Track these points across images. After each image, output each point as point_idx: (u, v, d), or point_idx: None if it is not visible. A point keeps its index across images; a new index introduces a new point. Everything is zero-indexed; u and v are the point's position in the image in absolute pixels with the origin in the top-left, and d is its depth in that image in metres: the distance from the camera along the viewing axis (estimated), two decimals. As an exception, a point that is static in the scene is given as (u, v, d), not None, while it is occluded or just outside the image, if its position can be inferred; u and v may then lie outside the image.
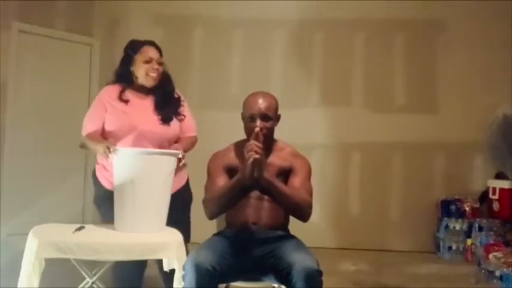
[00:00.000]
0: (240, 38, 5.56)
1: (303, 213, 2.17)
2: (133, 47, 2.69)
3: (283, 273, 2.01)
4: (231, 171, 2.26)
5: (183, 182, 2.70)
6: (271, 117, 2.26)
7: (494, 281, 3.90)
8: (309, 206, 2.18)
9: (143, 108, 2.62)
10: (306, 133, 5.20)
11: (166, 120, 2.61)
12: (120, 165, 2.31)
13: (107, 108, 2.61)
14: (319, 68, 5.52)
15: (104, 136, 2.59)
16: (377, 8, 5.32)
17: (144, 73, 2.62)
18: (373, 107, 5.41)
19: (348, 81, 5.48)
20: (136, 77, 2.64)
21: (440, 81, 5.37)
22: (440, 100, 5.36)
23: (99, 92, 2.75)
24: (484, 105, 5.14)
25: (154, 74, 2.62)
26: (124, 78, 2.67)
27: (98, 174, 2.64)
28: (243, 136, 2.32)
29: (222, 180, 2.24)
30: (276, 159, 2.28)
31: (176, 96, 2.73)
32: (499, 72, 5.18)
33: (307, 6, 5.38)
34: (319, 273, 1.96)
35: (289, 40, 5.53)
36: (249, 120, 2.25)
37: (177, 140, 2.66)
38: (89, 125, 2.60)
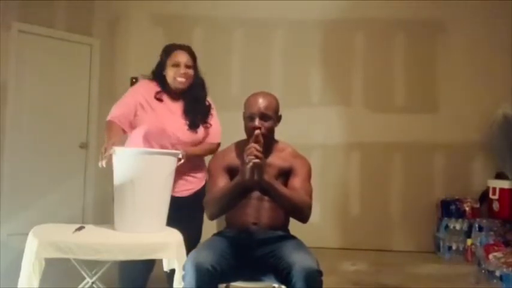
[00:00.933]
0: (240, 38, 5.56)
1: (303, 215, 2.17)
2: (166, 51, 2.70)
3: (283, 273, 2.01)
4: (231, 171, 2.26)
5: (201, 185, 2.70)
6: (271, 116, 2.25)
7: (494, 281, 3.90)
8: (309, 208, 2.18)
9: (172, 111, 2.64)
10: (306, 133, 5.20)
11: (193, 126, 2.62)
12: (120, 165, 2.31)
13: (140, 102, 2.62)
14: (319, 68, 5.52)
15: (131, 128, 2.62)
16: (377, 8, 5.32)
17: (172, 77, 2.63)
18: (373, 107, 5.41)
19: (348, 81, 5.48)
20: (168, 82, 2.66)
21: (440, 81, 5.37)
22: (440, 100, 5.36)
23: (137, 84, 2.77)
24: (484, 105, 5.15)
25: (181, 79, 2.62)
26: (158, 80, 2.69)
27: None
28: (244, 136, 2.32)
29: (222, 181, 2.24)
30: (276, 160, 2.28)
31: (207, 103, 2.73)
32: (499, 72, 5.18)
33: (307, 7, 5.38)
34: (319, 273, 1.96)
35: (289, 40, 5.53)
36: (249, 119, 2.25)
37: (197, 145, 2.68)
38: (115, 109, 2.64)
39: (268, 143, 2.27)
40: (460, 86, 5.29)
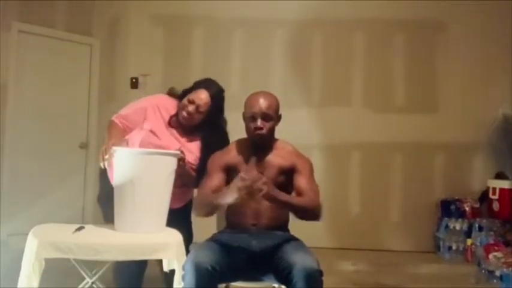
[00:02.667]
0: (240, 38, 5.56)
1: (315, 215, 2.21)
2: (198, 83, 2.65)
3: (283, 273, 2.02)
4: (229, 170, 2.29)
5: (190, 196, 2.70)
6: (272, 116, 2.27)
7: (494, 281, 3.90)
8: (319, 207, 2.22)
9: (181, 141, 2.60)
10: (306, 133, 5.19)
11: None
12: (120, 165, 2.31)
13: (155, 114, 2.60)
14: (319, 68, 5.51)
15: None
16: (377, 8, 5.32)
17: (180, 108, 2.60)
18: (373, 107, 5.41)
19: (348, 81, 5.47)
20: None
21: (440, 81, 5.37)
22: (440, 100, 5.36)
23: (158, 95, 2.74)
24: (484, 105, 5.15)
25: (185, 115, 2.57)
26: (180, 99, 2.65)
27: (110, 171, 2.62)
28: (244, 135, 2.32)
29: (217, 180, 2.27)
30: (277, 158, 2.29)
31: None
32: (499, 73, 5.18)
33: (307, 6, 5.38)
34: (320, 273, 1.96)
35: (289, 40, 5.53)
36: (250, 119, 2.25)
37: None
38: (123, 110, 2.62)
39: (269, 142, 2.28)
40: (460, 86, 5.29)
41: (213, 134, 2.61)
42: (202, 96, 2.57)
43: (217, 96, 2.62)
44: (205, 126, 2.62)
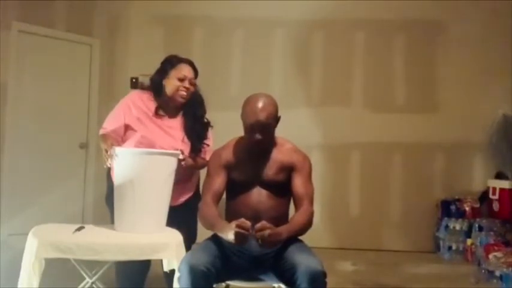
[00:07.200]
0: (240, 38, 5.56)
1: (310, 226, 2.20)
2: (171, 62, 2.68)
3: (287, 274, 2.02)
4: (229, 167, 2.29)
5: (193, 192, 2.70)
6: (272, 125, 2.26)
7: (494, 281, 3.90)
8: (312, 219, 2.21)
9: (165, 130, 2.61)
10: (306, 133, 5.19)
11: (195, 151, 2.60)
12: (120, 165, 2.31)
13: (130, 118, 2.59)
14: (319, 68, 5.52)
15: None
16: (377, 8, 5.32)
17: (175, 90, 2.60)
18: (373, 107, 5.41)
19: (348, 81, 5.47)
20: (166, 92, 2.62)
21: (440, 81, 5.37)
22: (440, 100, 5.36)
23: (128, 95, 2.75)
24: (484, 105, 5.15)
25: (184, 93, 2.60)
26: (155, 88, 2.66)
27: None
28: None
29: (218, 180, 2.27)
30: (278, 154, 2.30)
31: (205, 121, 2.71)
32: (498, 73, 5.18)
33: (307, 6, 5.38)
34: (324, 275, 1.96)
35: (289, 40, 5.53)
36: (248, 129, 2.24)
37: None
38: (107, 123, 2.62)
39: (269, 143, 2.30)
40: (460, 86, 5.30)
41: (198, 105, 2.68)
42: (188, 69, 2.64)
43: (195, 67, 2.68)
44: (189, 101, 2.65)
